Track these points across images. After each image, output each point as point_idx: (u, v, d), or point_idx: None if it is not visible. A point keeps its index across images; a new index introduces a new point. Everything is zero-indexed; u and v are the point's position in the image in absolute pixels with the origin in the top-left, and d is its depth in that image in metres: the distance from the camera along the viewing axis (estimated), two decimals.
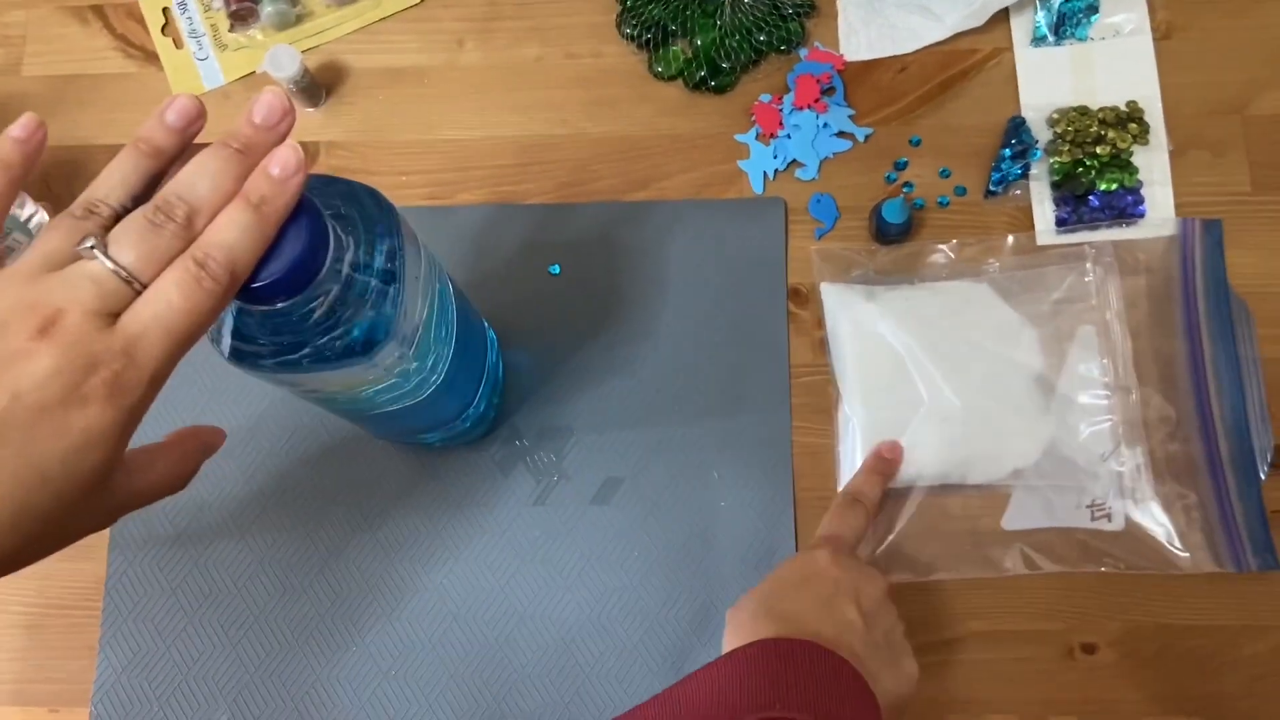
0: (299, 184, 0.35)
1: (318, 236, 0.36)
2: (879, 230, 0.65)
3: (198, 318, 0.33)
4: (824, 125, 0.68)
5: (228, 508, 0.64)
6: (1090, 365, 0.63)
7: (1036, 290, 0.64)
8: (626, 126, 0.69)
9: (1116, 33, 0.69)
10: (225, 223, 0.33)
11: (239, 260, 0.33)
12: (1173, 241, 0.65)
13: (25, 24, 0.72)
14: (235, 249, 0.33)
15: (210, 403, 0.65)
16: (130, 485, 0.37)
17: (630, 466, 0.64)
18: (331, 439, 0.65)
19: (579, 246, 0.67)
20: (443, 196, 0.68)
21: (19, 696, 0.62)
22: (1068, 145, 0.66)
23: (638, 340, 0.66)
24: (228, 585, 0.63)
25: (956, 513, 0.62)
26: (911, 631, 0.60)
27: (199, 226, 0.33)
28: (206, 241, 0.33)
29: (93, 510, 0.35)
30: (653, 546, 0.62)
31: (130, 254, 0.32)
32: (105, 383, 0.31)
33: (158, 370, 0.33)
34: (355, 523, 0.63)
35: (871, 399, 0.63)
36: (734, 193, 0.68)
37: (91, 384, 0.31)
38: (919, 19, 0.70)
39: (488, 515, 0.63)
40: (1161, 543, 0.60)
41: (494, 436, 0.64)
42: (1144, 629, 0.61)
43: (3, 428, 0.30)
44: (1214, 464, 0.62)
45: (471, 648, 0.61)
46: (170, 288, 0.32)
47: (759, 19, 0.69)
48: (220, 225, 0.33)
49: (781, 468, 0.63)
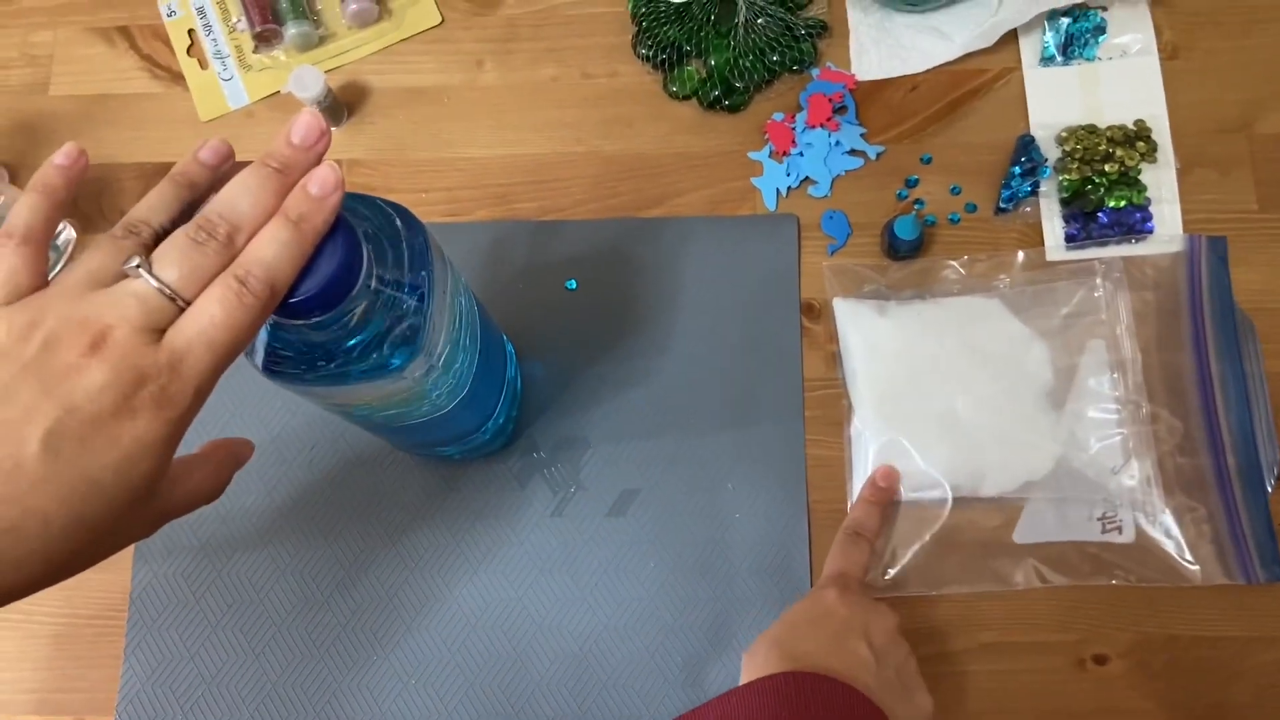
0: (337, 202, 0.36)
1: (352, 253, 0.37)
2: (891, 246, 0.66)
3: (239, 332, 0.34)
4: (836, 143, 0.69)
5: (250, 519, 0.65)
6: (1100, 379, 0.63)
7: (1047, 305, 0.65)
8: (641, 144, 0.71)
9: (1123, 53, 0.70)
10: (266, 240, 0.35)
11: (278, 276, 0.35)
12: (1180, 258, 0.66)
13: (53, 44, 0.74)
14: (275, 266, 0.34)
15: (233, 418, 0.66)
16: (172, 495, 0.38)
17: (646, 478, 0.65)
18: (351, 452, 0.66)
19: (595, 262, 0.68)
20: (461, 213, 0.70)
21: (45, 705, 0.63)
22: (1076, 163, 0.67)
23: (653, 354, 0.67)
24: (250, 595, 0.64)
25: (968, 526, 0.63)
26: (923, 643, 0.61)
27: (239, 244, 0.35)
28: (247, 259, 0.34)
29: (138, 520, 0.36)
30: (668, 557, 0.63)
31: (174, 272, 0.33)
32: (153, 396, 0.33)
33: (202, 383, 0.34)
34: (375, 534, 0.64)
35: (883, 412, 0.64)
36: (747, 209, 0.69)
37: (140, 397, 0.32)
38: (929, 39, 0.71)
39: (506, 526, 0.64)
40: (1171, 555, 0.61)
41: (512, 449, 0.65)
42: (1154, 640, 0.62)
43: (57, 440, 0.31)
44: (1222, 477, 0.62)
45: (490, 657, 0.62)
46: (213, 304, 0.34)
47: (772, 39, 0.70)
48: (261, 243, 0.35)
49: (795, 480, 0.64)
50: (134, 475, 0.33)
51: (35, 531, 0.32)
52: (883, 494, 0.62)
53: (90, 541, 0.34)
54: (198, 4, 0.73)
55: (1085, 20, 0.70)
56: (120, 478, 0.33)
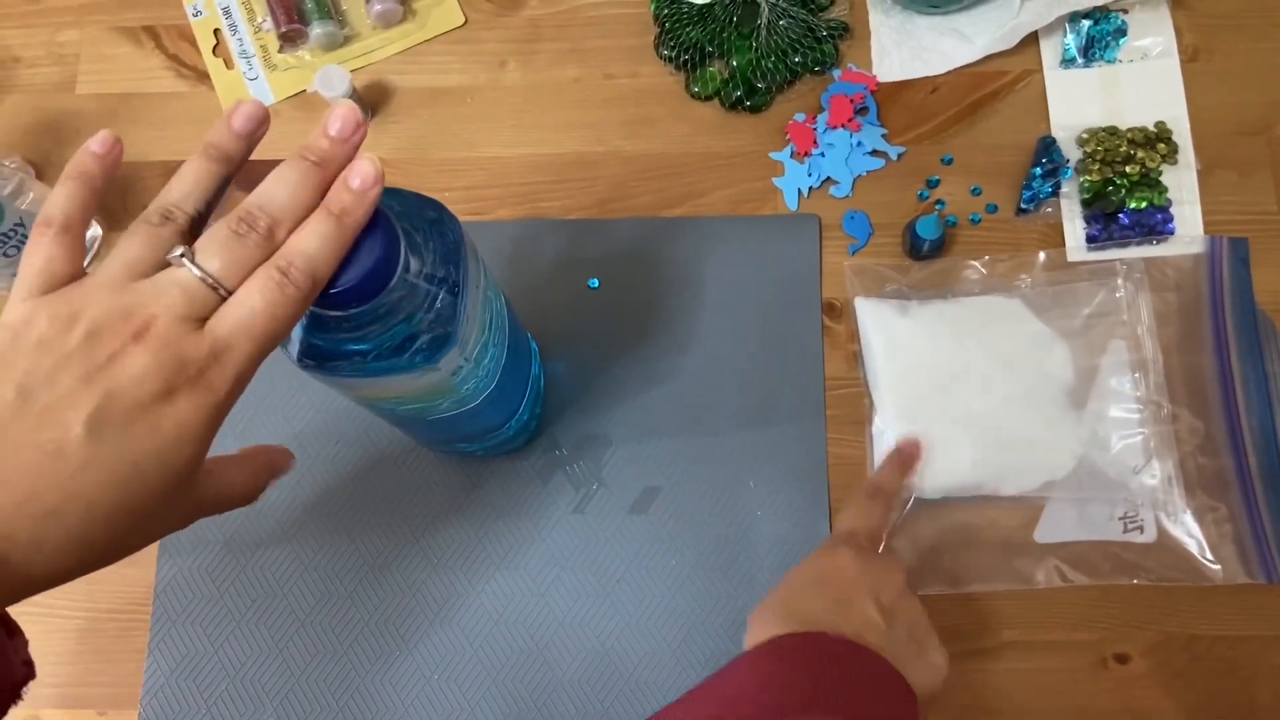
0: (377, 196, 0.36)
1: (390, 246, 0.38)
2: (912, 247, 0.66)
3: (280, 322, 0.34)
4: (857, 144, 0.70)
5: (274, 515, 0.65)
6: (1122, 379, 0.64)
7: (1068, 305, 0.65)
8: (663, 144, 0.71)
9: (1144, 55, 0.70)
10: (308, 233, 0.35)
11: (319, 268, 0.35)
12: (1201, 259, 0.66)
13: (79, 43, 0.74)
14: (316, 258, 0.35)
15: (257, 414, 0.67)
16: (210, 488, 0.38)
17: (668, 476, 0.65)
18: (375, 449, 0.66)
19: (617, 261, 0.69)
20: (484, 211, 0.70)
21: (69, 699, 0.63)
22: (1097, 164, 0.67)
23: (675, 353, 0.67)
24: (274, 590, 0.64)
25: (989, 525, 0.63)
26: (945, 641, 0.61)
27: (280, 237, 0.35)
28: (289, 250, 0.35)
29: (175, 510, 0.36)
30: (690, 555, 0.64)
31: (216, 262, 0.34)
32: (195, 383, 0.33)
33: (242, 371, 0.34)
34: (398, 530, 0.65)
35: (904, 411, 0.64)
36: (769, 209, 0.70)
37: (182, 384, 0.33)
38: (950, 41, 0.71)
39: (528, 523, 0.65)
40: (1193, 554, 0.61)
41: (534, 446, 0.66)
42: (1176, 639, 0.62)
43: (100, 425, 0.32)
44: (1244, 477, 0.63)
45: (513, 653, 0.63)
46: (254, 294, 0.34)
47: (794, 40, 0.71)
48: (303, 235, 0.35)
49: (817, 478, 0.64)
50: (175, 461, 0.33)
51: (78, 516, 0.32)
52: (908, 459, 0.61)
53: (129, 528, 0.34)
54: (223, 4, 0.74)
55: (1106, 23, 0.70)
56: (161, 463, 0.33)
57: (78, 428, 0.32)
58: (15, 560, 0.32)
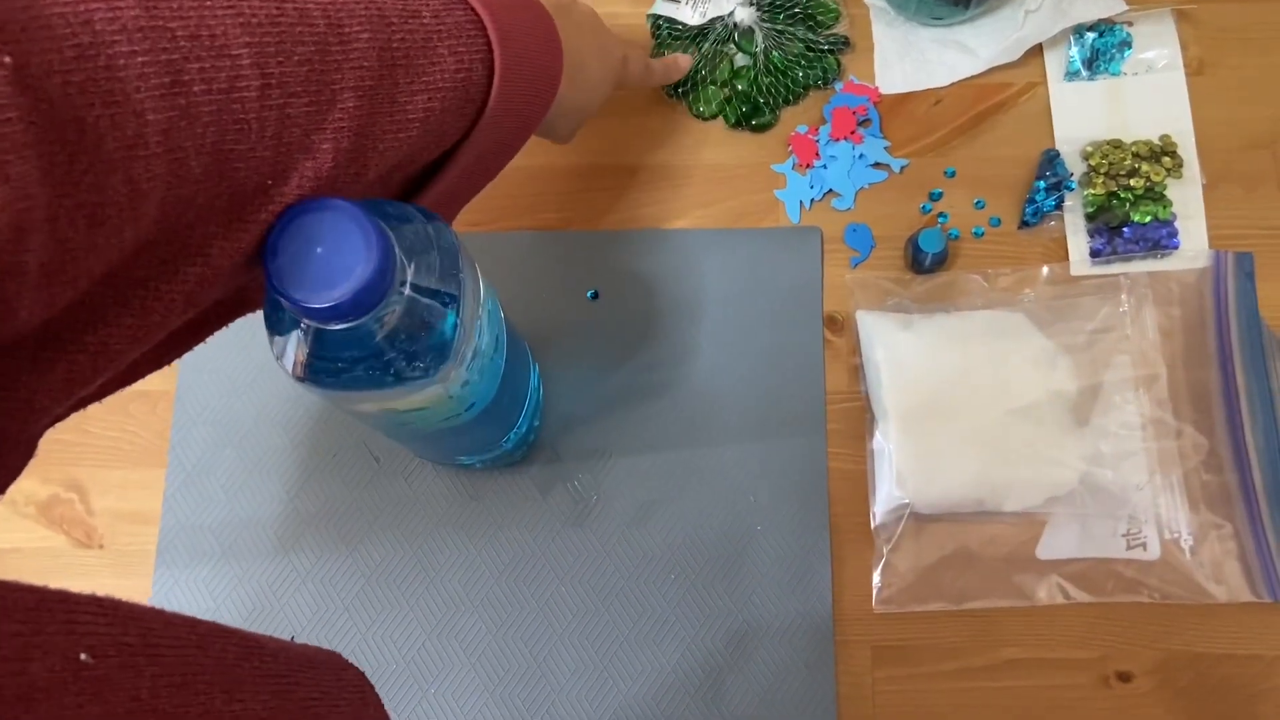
0: None
1: (385, 259, 0.37)
2: (914, 260, 0.66)
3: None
4: (860, 156, 0.69)
5: (271, 526, 0.65)
6: (1125, 395, 0.63)
7: (1072, 320, 0.65)
8: (665, 156, 0.71)
9: (1149, 68, 0.70)
10: None
11: None
12: (1205, 274, 0.66)
13: None
14: None
15: (256, 425, 0.66)
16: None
17: (667, 489, 0.65)
18: (373, 462, 0.66)
19: (617, 273, 0.68)
20: (484, 223, 0.70)
21: None
22: (1102, 178, 0.67)
23: (675, 365, 0.67)
24: (270, 603, 0.64)
25: (991, 541, 0.63)
26: (945, 658, 0.61)
27: None
28: None
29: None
30: (689, 568, 0.63)
31: None
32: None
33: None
34: (396, 542, 0.64)
35: (906, 426, 0.63)
36: (770, 222, 0.69)
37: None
38: (954, 53, 0.71)
39: (527, 536, 0.64)
40: (1196, 572, 0.61)
41: (533, 459, 0.65)
42: (1179, 658, 0.61)
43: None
44: (1249, 494, 0.62)
45: (510, 666, 0.62)
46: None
47: (795, 57, 0.71)
48: None
49: (817, 493, 0.64)
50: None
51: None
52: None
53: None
54: None
55: (1111, 35, 0.70)
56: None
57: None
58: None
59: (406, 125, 0.39)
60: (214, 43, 0.32)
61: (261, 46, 0.33)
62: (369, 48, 0.37)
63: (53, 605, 0.25)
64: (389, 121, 0.38)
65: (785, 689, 0.61)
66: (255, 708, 0.31)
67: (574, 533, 0.64)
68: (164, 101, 0.30)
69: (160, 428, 0.66)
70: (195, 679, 0.29)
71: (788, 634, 0.62)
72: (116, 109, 0.29)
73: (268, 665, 0.33)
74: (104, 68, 0.29)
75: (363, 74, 0.37)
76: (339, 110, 0.36)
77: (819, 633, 0.62)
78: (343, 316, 0.38)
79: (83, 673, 0.25)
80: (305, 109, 0.35)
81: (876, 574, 0.62)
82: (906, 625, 0.62)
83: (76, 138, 0.28)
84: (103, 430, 0.67)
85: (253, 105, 0.33)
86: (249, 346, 0.67)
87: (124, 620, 0.27)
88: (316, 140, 0.36)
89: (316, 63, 0.35)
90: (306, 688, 0.35)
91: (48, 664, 0.24)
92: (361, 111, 0.37)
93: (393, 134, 0.39)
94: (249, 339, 0.66)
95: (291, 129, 0.35)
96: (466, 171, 0.46)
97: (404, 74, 0.39)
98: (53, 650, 0.24)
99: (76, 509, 0.65)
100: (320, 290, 0.36)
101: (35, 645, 0.24)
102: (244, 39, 0.33)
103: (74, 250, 0.29)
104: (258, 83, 0.33)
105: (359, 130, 0.37)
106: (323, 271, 0.36)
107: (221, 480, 0.65)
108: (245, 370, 0.67)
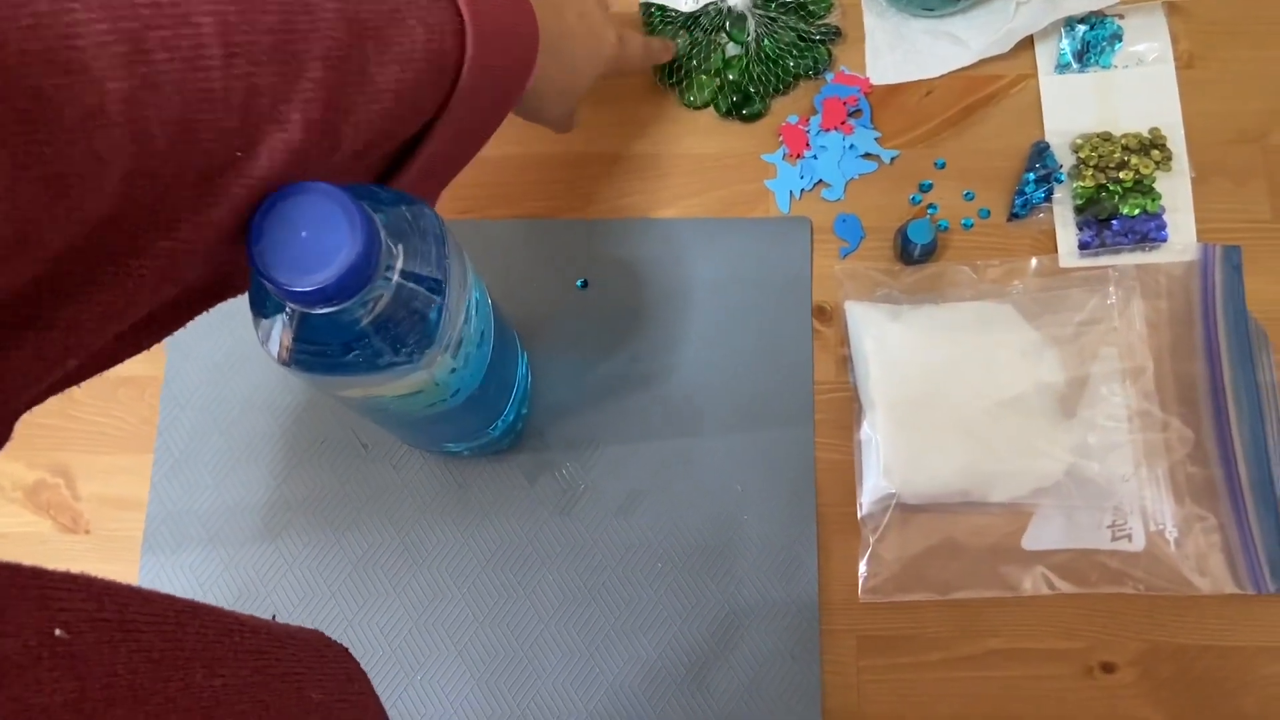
0: None
1: (370, 243, 0.37)
2: (904, 251, 0.66)
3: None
4: (850, 147, 0.69)
5: (258, 512, 0.65)
6: (1112, 387, 0.63)
7: (1060, 312, 0.65)
8: (655, 145, 0.71)
9: (1139, 61, 0.70)
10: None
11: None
12: (1194, 267, 0.66)
13: None
14: None
15: (243, 412, 0.66)
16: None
17: (655, 479, 0.65)
18: (360, 449, 0.66)
19: (606, 262, 0.68)
20: (474, 211, 0.70)
21: None
22: (1091, 170, 0.67)
23: (663, 354, 0.67)
24: (257, 588, 0.64)
25: (976, 531, 0.63)
26: (929, 649, 0.61)
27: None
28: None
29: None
30: (676, 558, 0.63)
31: None
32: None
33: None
34: (383, 529, 0.64)
35: (893, 416, 0.63)
36: (760, 212, 0.69)
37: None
38: (945, 45, 0.71)
39: (514, 524, 0.64)
40: (1181, 564, 0.61)
41: (521, 447, 0.65)
42: (1163, 649, 0.61)
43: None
44: (1233, 487, 0.62)
45: (496, 655, 0.62)
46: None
47: (786, 47, 0.70)
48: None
49: (804, 483, 0.64)
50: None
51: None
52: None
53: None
54: None
55: (1102, 28, 0.70)
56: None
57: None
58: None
59: (378, 97, 0.39)
60: (175, 10, 0.32)
61: (224, 15, 0.33)
62: (336, 18, 0.37)
63: (25, 581, 0.25)
64: (360, 93, 0.38)
65: (771, 678, 0.61)
66: (236, 683, 0.31)
67: (561, 521, 0.64)
68: (125, 70, 0.30)
69: (147, 413, 0.66)
70: (174, 654, 0.29)
71: (774, 623, 0.62)
72: (75, 78, 0.29)
73: (248, 641, 0.33)
74: (62, 36, 0.28)
75: (330, 44, 0.37)
76: (307, 80, 0.36)
77: (805, 622, 0.62)
78: (327, 300, 0.37)
79: (58, 648, 0.25)
80: (272, 79, 0.35)
81: (863, 564, 0.62)
82: (892, 615, 0.62)
83: (35, 108, 0.28)
84: (90, 415, 0.66)
85: (217, 74, 0.33)
86: (237, 332, 0.66)
87: (99, 596, 0.27)
88: (285, 111, 0.36)
89: (282, 32, 0.35)
90: (288, 663, 0.35)
91: (21, 639, 0.24)
92: (331, 82, 0.37)
93: (365, 105, 0.39)
94: (237, 324, 0.65)
95: (259, 99, 0.35)
96: (445, 146, 0.46)
97: (373, 44, 0.38)
98: (26, 625, 0.24)
99: (63, 494, 0.65)
100: (305, 274, 0.36)
101: (7, 619, 0.24)
102: (206, 6, 0.32)
103: (35, 222, 0.29)
104: (221, 51, 0.33)
105: (329, 101, 0.37)
106: (307, 255, 0.36)
107: (209, 466, 0.65)
108: (233, 356, 0.67)
